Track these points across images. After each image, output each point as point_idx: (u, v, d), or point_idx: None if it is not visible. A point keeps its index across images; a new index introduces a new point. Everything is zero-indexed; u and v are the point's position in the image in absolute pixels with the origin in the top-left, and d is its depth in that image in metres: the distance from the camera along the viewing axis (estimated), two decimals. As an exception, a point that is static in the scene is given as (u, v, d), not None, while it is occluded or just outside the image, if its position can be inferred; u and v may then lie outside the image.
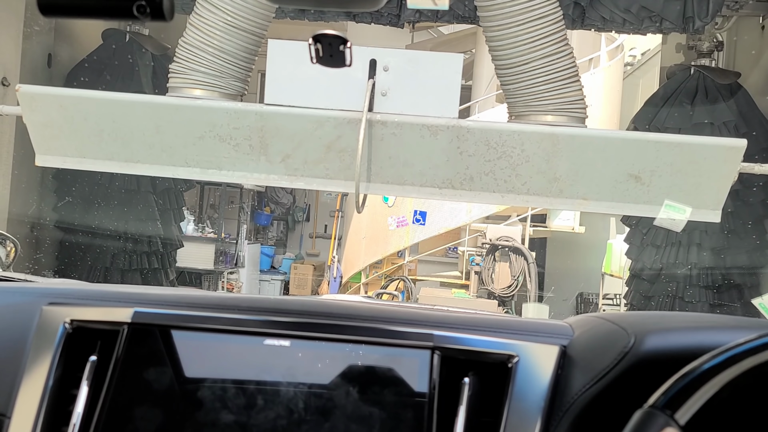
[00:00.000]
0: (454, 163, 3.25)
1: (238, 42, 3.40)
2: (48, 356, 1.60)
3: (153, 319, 1.62)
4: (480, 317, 1.84)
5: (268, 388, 1.54)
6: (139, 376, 1.57)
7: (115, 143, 3.34)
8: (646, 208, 3.30)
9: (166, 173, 3.49)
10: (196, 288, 9.73)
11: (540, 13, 3.20)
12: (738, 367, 1.10)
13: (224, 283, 11.48)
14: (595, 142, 3.22)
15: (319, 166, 3.31)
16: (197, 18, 3.39)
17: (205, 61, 3.38)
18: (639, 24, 5.30)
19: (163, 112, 3.31)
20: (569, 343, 1.62)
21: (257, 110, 3.25)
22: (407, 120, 3.19)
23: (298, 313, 1.70)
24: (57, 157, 3.40)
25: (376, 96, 3.19)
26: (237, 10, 3.34)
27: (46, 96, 3.34)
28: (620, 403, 1.33)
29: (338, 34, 1.75)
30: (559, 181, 3.24)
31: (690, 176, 3.19)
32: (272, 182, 3.39)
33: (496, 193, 3.29)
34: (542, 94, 3.28)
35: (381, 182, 3.32)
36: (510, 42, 3.26)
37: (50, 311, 1.67)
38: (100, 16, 1.01)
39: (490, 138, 3.20)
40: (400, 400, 1.52)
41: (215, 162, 3.34)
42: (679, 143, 3.21)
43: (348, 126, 3.20)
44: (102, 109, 3.32)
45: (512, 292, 9.21)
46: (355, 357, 1.56)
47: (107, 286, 2.03)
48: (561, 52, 3.25)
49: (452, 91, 3.21)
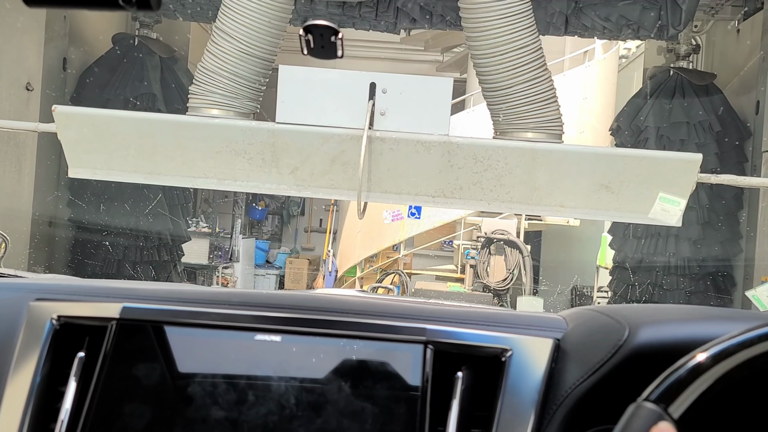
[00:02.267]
0: (446, 175, 3.62)
1: (251, 67, 3.76)
2: (35, 352, 1.59)
3: (142, 315, 1.61)
4: (473, 311, 1.84)
5: (260, 383, 1.54)
6: (128, 372, 1.55)
7: (140, 157, 3.71)
8: (617, 214, 3.69)
9: (186, 184, 3.87)
10: (188, 283, 9.58)
11: (522, 43, 3.57)
12: (732, 359, 1.10)
13: (219, 277, 11.45)
14: (570, 156, 3.60)
15: (325, 177, 3.69)
16: (213, 46, 3.75)
17: (221, 84, 3.75)
18: (618, 31, 5.66)
19: (184, 129, 3.69)
20: (563, 336, 1.60)
21: (269, 128, 3.62)
22: (403, 136, 3.57)
23: (290, 307, 1.68)
24: (88, 169, 3.77)
25: (375, 115, 3.57)
26: (250, 39, 3.70)
27: (79, 115, 3.71)
28: (615, 395, 1.33)
29: (329, 24, 1.72)
30: (539, 191, 3.62)
31: (654, 186, 3.57)
32: (282, 192, 3.77)
33: (483, 200, 3.67)
34: (523, 114, 3.66)
35: (380, 191, 3.69)
36: (495, 68, 3.63)
37: (38, 307, 1.65)
38: (85, 6, 0.98)
39: (477, 152, 3.58)
40: (393, 395, 1.51)
41: (231, 174, 3.71)
42: (643, 157, 3.60)
43: (351, 142, 3.59)
44: (129, 127, 3.69)
45: (507, 286, 9.20)
46: (348, 352, 1.56)
47: (96, 281, 2.05)
48: (540, 77, 3.63)
49: (443, 111, 3.58)
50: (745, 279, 6.33)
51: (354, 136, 3.56)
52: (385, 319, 1.64)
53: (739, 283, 6.58)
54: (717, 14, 6.36)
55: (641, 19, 5.35)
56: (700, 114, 6.22)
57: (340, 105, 3.61)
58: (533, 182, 3.60)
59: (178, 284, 2.20)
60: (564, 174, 3.60)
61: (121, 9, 0.93)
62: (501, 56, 3.59)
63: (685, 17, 5.21)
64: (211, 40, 3.77)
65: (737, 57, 6.53)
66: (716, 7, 6.29)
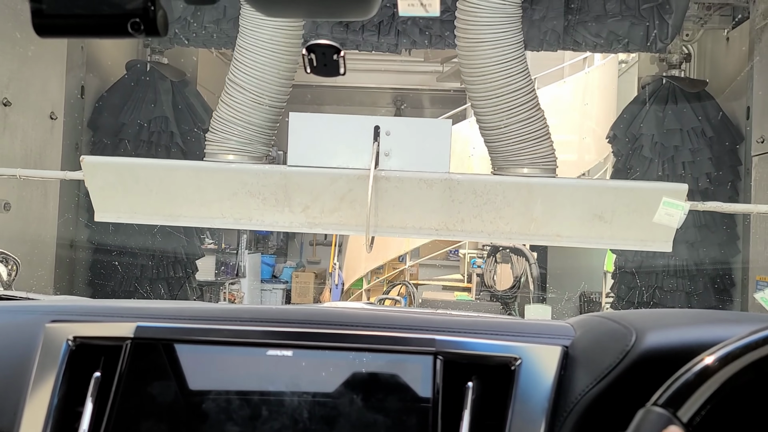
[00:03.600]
0: (448, 209, 3.88)
1: (263, 115, 4.02)
2: (52, 373, 1.60)
3: (155, 333, 1.62)
4: (482, 320, 1.83)
5: (272, 398, 1.54)
6: (143, 390, 1.56)
7: (162, 200, 3.98)
8: (610, 242, 3.95)
9: (205, 224, 4.14)
10: (200, 300, 9.36)
11: (516, 86, 3.82)
12: (739, 362, 1.10)
13: (226, 293, 11.36)
14: (564, 189, 3.85)
15: (334, 214, 3.95)
16: (227, 97, 4.01)
17: (235, 131, 4.01)
18: (609, 46, 5.87)
19: (202, 174, 3.95)
20: (571, 343, 1.59)
21: (282, 170, 3.89)
22: (407, 175, 3.83)
23: (300, 322, 1.69)
24: (113, 213, 4.04)
25: (380, 156, 3.83)
26: (261, 90, 3.96)
27: (105, 164, 3.98)
28: (624, 401, 1.33)
29: (331, 43, 1.70)
30: (536, 222, 3.87)
31: (644, 215, 3.82)
32: (294, 229, 4.03)
33: (484, 232, 3.93)
34: (519, 151, 3.91)
35: (387, 226, 3.95)
36: (491, 110, 3.88)
37: (53, 328, 1.67)
38: (95, 34, 0.99)
39: (476, 187, 3.84)
40: (404, 406, 1.51)
41: (246, 214, 3.98)
42: (633, 188, 3.85)
43: (358, 181, 3.85)
44: (151, 173, 3.96)
45: (514, 294, 9.12)
46: (358, 364, 1.56)
47: (109, 301, 2.06)
48: (534, 116, 3.88)
49: (443, 151, 3.84)
50: (743, 279, 6.52)
51: (361, 176, 3.83)
52: (395, 331, 1.64)
53: (737, 283, 6.77)
54: (706, 24, 6.55)
55: (630, 34, 5.57)
56: (693, 120, 6.42)
57: (347, 147, 3.88)
58: (530, 214, 3.85)
59: (189, 302, 2.15)
60: (559, 206, 3.86)
61: (130, 36, 0.95)
62: (497, 99, 3.83)
63: (672, 31, 5.43)
64: (224, 92, 4.02)
65: (728, 64, 6.72)
66: (705, 18, 6.48)
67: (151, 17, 0.93)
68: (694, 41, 6.95)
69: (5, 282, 2.44)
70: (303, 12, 1.18)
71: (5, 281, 2.44)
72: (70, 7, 0.95)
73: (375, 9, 1.05)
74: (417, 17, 5.87)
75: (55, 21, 0.95)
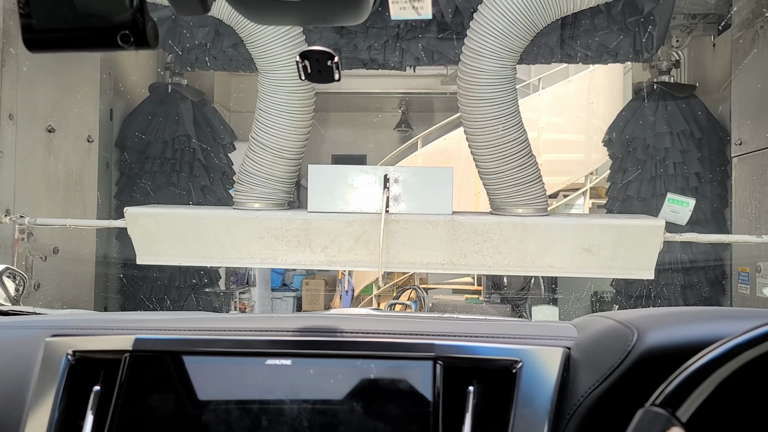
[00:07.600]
0: (452, 247, 4.34)
1: (283, 167, 4.49)
2: (52, 388, 1.59)
3: (154, 345, 1.62)
4: (483, 323, 1.83)
5: (272, 408, 1.53)
6: (143, 402, 1.55)
7: (196, 244, 4.45)
8: (598, 271, 4.39)
9: (235, 265, 4.62)
10: (203, 311, 9.10)
11: (511, 138, 4.26)
12: (738, 360, 1.08)
13: (236, 303, 11.00)
14: (555, 227, 4.30)
15: (350, 253, 4.41)
16: (252, 153, 4.47)
17: (260, 183, 4.48)
18: (599, 57, 6.24)
19: (232, 220, 4.43)
20: (573, 344, 1.57)
21: (303, 216, 4.35)
22: (414, 218, 4.30)
23: (299, 331, 1.68)
24: (153, 256, 4.53)
25: (390, 201, 4.29)
26: (281, 147, 4.42)
27: (145, 214, 4.45)
28: (628, 401, 1.29)
29: (325, 49, 1.66)
30: (531, 255, 4.32)
31: (627, 247, 4.26)
32: (315, 266, 4.50)
33: (485, 266, 4.38)
34: (514, 193, 4.35)
35: (397, 262, 4.42)
36: (489, 158, 4.33)
37: (53, 343, 1.66)
38: (85, 48, 0.98)
39: (477, 227, 4.29)
40: (405, 413, 1.50)
41: (272, 254, 4.45)
42: (616, 224, 4.29)
43: (371, 223, 4.31)
44: (186, 221, 4.43)
45: (525, 296, 9.06)
46: (357, 371, 1.54)
47: (110, 313, 2.00)
48: (527, 163, 4.32)
49: (446, 195, 4.29)
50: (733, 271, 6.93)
51: (373, 219, 4.31)
52: (394, 337, 1.63)
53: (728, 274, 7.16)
54: (693, 32, 6.92)
55: (618, 46, 5.94)
56: (682, 123, 6.80)
57: (360, 194, 4.35)
58: (526, 249, 4.31)
59: (188, 312, 2.12)
60: (551, 241, 4.31)
61: (120, 49, 0.94)
62: (495, 148, 4.27)
63: (657, 42, 5.81)
64: (248, 148, 4.49)
65: (715, 69, 7.07)
66: (691, 26, 6.84)
67: (141, 29, 0.93)
68: (684, 47, 7.30)
69: (12, 297, 2.43)
70: (294, 19, 1.15)
71: (13, 296, 2.44)
72: (59, 22, 0.94)
73: (366, 14, 1.04)
74: (418, 36, 6.27)
75: (45, 36, 0.95)
